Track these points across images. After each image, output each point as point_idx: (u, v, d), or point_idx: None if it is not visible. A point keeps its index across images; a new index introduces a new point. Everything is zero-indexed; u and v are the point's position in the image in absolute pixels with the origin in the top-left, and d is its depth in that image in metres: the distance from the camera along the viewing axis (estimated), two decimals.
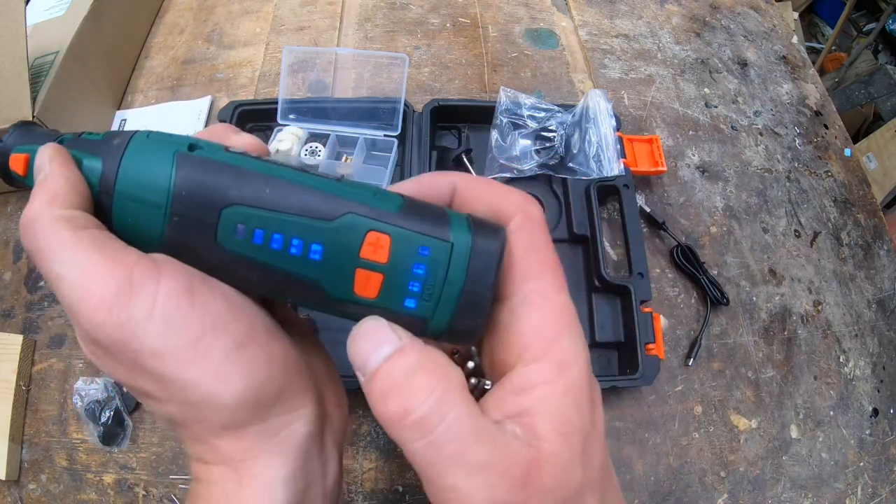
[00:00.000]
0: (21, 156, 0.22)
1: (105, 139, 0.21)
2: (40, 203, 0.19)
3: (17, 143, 0.22)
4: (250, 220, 0.19)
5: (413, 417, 0.17)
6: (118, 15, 0.70)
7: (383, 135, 0.61)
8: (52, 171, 0.20)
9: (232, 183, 0.19)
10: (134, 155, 0.20)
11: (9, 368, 0.55)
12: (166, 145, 0.20)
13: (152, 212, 0.19)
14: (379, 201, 0.19)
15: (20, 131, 0.23)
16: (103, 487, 0.51)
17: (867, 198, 0.70)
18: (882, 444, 0.57)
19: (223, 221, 0.19)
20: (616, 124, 0.62)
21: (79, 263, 0.18)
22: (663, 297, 0.60)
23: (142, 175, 0.19)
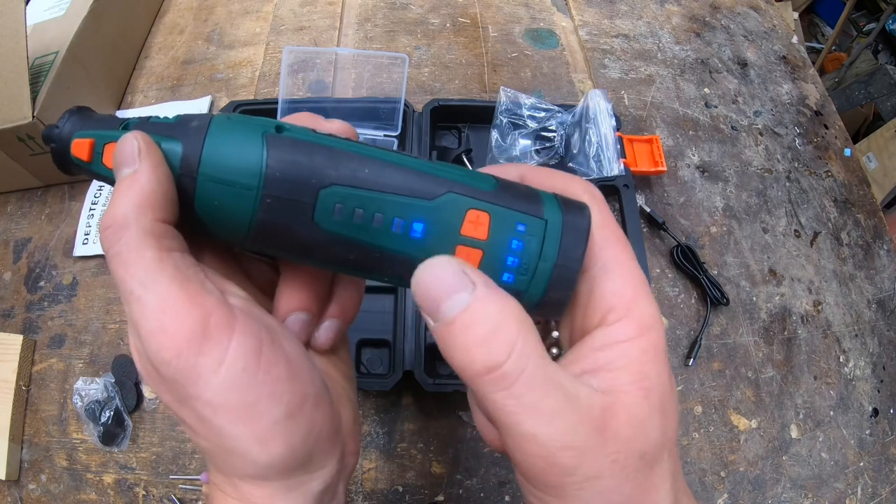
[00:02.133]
0: (85, 141, 0.20)
1: (180, 121, 0.20)
2: (130, 207, 0.18)
3: (76, 129, 0.21)
4: (350, 199, 0.19)
5: (497, 373, 0.18)
6: (118, 15, 0.70)
7: (383, 135, 0.61)
8: (144, 170, 0.18)
9: (328, 163, 0.19)
10: (218, 135, 0.19)
11: (9, 368, 0.55)
12: (253, 127, 0.19)
13: (243, 194, 0.19)
14: (475, 181, 0.20)
15: (77, 116, 0.21)
16: (103, 487, 0.51)
17: (867, 198, 0.70)
18: (882, 444, 0.57)
19: (321, 201, 0.19)
20: (616, 124, 0.62)
21: (159, 292, 0.18)
22: (663, 297, 0.60)
23: (230, 156, 0.19)
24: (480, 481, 0.51)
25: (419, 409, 0.53)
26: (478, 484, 0.51)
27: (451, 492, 0.51)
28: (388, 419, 0.53)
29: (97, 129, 0.21)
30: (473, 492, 0.51)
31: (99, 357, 0.56)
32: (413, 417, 0.53)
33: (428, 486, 0.51)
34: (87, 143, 0.20)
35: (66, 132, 0.21)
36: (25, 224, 0.64)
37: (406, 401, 0.54)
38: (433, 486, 0.51)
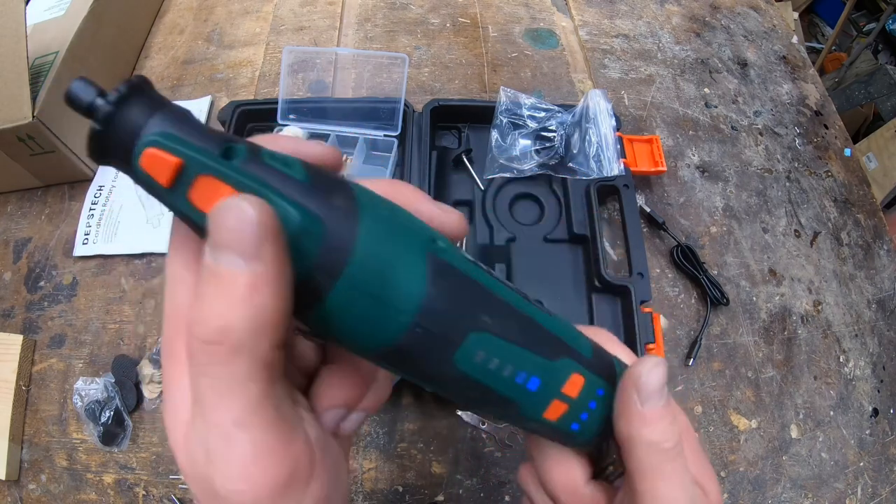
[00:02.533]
0: (169, 159, 0.15)
1: (314, 185, 0.16)
2: (247, 328, 0.14)
3: (146, 124, 0.15)
4: (493, 348, 0.18)
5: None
6: (118, 15, 0.70)
7: (383, 135, 0.61)
8: (270, 278, 0.14)
9: (482, 306, 0.18)
10: (374, 235, 0.16)
11: (9, 368, 0.55)
12: (412, 236, 0.17)
13: (390, 314, 0.16)
14: (580, 346, 0.21)
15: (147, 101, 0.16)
16: (103, 487, 0.51)
17: (867, 198, 0.70)
18: (882, 444, 0.57)
19: (467, 344, 0.18)
20: (616, 124, 0.62)
21: (254, 437, 0.15)
22: (663, 297, 0.60)
23: (386, 268, 0.16)
24: (480, 481, 0.51)
25: (419, 409, 0.53)
26: (478, 484, 0.51)
27: (451, 492, 0.51)
28: (388, 419, 0.53)
29: (187, 142, 0.15)
30: (473, 492, 0.51)
31: (99, 357, 0.56)
32: (413, 417, 0.53)
33: (428, 486, 0.51)
34: (171, 163, 0.15)
35: (129, 122, 0.15)
36: (25, 224, 0.64)
37: (406, 401, 0.54)
38: (433, 486, 0.51)
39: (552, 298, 0.56)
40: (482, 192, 0.61)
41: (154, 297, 0.58)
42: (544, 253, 0.59)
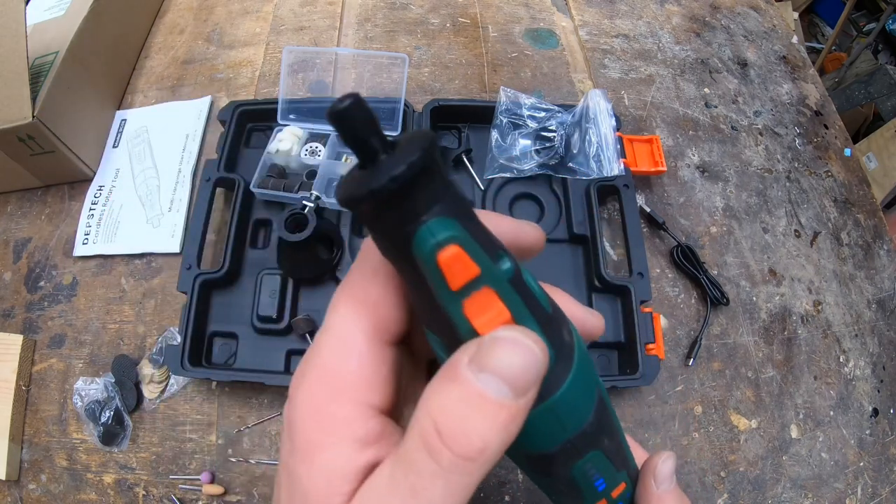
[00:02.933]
0: (471, 266, 0.15)
1: (553, 317, 0.17)
2: (495, 451, 0.15)
3: (445, 214, 0.15)
4: (598, 463, 0.20)
5: None
6: (118, 15, 0.70)
7: None
8: (523, 412, 0.16)
9: (607, 432, 0.21)
10: (578, 376, 0.18)
11: (9, 368, 0.55)
12: (594, 374, 0.20)
13: (559, 432, 0.18)
14: (633, 461, 0.24)
15: (453, 202, 0.15)
16: (103, 487, 0.51)
17: (867, 198, 0.70)
18: (882, 444, 0.57)
19: (586, 458, 0.20)
20: (616, 124, 0.62)
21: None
22: (663, 297, 0.60)
23: (574, 403, 0.18)
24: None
25: None
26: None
27: None
28: None
29: (480, 249, 0.15)
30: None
31: (99, 357, 0.56)
32: None
33: None
34: (472, 271, 0.15)
35: (417, 199, 0.14)
36: (25, 224, 0.64)
37: None
38: None
39: None
40: (482, 192, 0.61)
41: (154, 296, 0.58)
42: (544, 253, 0.58)
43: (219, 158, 0.59)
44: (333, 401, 0.17)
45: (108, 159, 0.66)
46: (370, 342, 0.18)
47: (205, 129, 0.68)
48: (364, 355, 0.18)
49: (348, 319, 0.18)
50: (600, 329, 0.23)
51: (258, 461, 0.51)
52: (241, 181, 0.57)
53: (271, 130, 0.61)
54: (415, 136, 0.15)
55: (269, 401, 0.54)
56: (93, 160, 0.65)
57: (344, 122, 0.14)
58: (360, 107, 0.14)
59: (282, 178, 0.59)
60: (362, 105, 0.14)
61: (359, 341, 0.18)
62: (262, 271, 0.55)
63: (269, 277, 0.55)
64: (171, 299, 0.58)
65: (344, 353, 0.18)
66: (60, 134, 0.58)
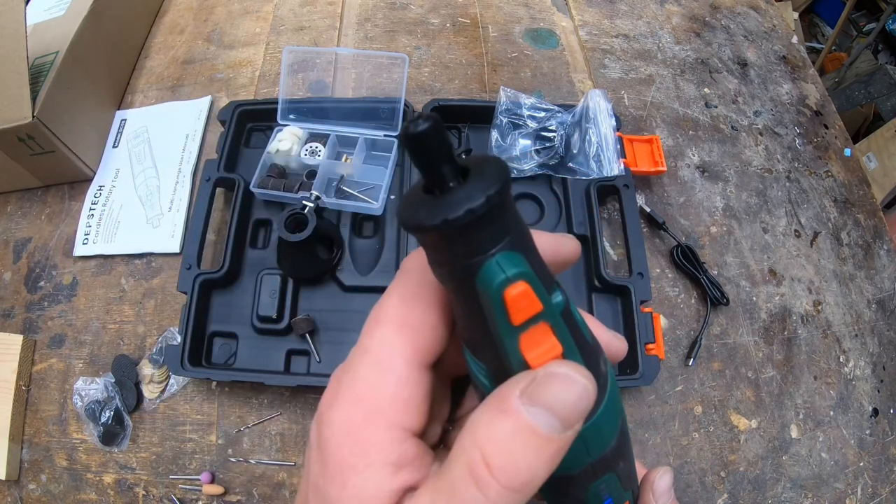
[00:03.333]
0: (536, 303, 0.15)
1: (594, 346, 0.18)
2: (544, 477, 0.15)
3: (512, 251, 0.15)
4: (610, 485, 0.21)
5: None
6: (118, 15, 0.70)
7: (383, 135, 0.61)
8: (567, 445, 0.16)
9: (623, 457, 0.21)
10: (609, 405, 0.18)
11: (9, 368, 0.55)
12: (620, 405, 0.20)
13: (584, 457, 0.19)
14: (637, 478, 0.24)
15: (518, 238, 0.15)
16: (103, 487, 0.51)
17: (867, 198, 0.70)
18: (882, 444, 0.57)
19: (601, 481, 0.20)
20: (616, 124, 0.62)
21: None
22: (663, 297, 0.60)
23: (602, 430, 0.19)
24: None
25: None
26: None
27: None
28: None
29: (542, 286, 0.15)
30: None
31: (99, 357, 0.56)
32: None
33: None
34: (536, 307, 0.15)
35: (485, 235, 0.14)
36: (25, 224, 0.64)
37: None
38: None
39: None
40: None
41: (154, 296, 0.58)
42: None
43: (219, 158, 0.59)
44: (369, 424, 0.17)
45: (108, 159, 0.66)
46: (409, 366, 0.18)
47: (205, 129, 0.68)
48: (402, 380, 0.17)
49: (387, 342, 0.18)
50: (623, 352, 0.23)
51: (258, 461, 0.51)
52: (241, 181, 0.57)
53: (271, 130, 0.61)
54: (487, 163, 0.15)
55: (269, 401, 0.54)
56: (93, 160, 0.65)
57: (419, 145, 0.14)
58: (437, 130, 0.14)
59: (282, 178, 0.59)
60: (440, 129, 0.14)
61: (398, 365, 0.18)
62: (262, 271, 0.55)
63: (269, 277, 0.55)
64: (171, 299, 0.58)
65: (382, 376, 0.18)
66: (60, 134, 0.58)
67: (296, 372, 0.54)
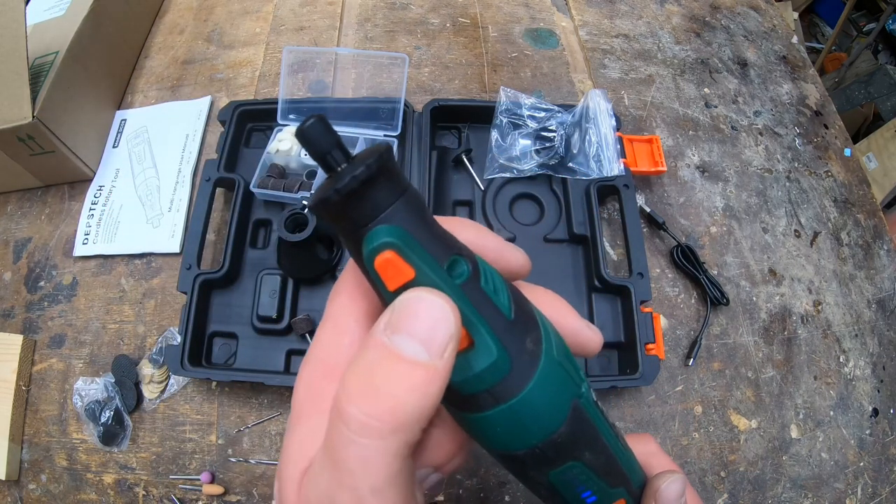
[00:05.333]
0: (404, 268, 0.16)
1: (515, 322, 0.18)
2: (412, 413, 0.15)
3: (393, 223, 0.16)
4: (579, 474, 0.21)
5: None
6: (118, 15, 0.70)
7: (383, 135, 0.61)
8: (443, 374, 0.16)
9: (589, 446, 0.21)
10: (544, 382, 0.18)
11: (9, 368, 0.55)
12: (569, 384, 0.20)
13: (523, 436, 0.19)
14: (635, 477, 0.24)
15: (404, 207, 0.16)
16: (103, 487, 0.51)
17: (867, 198, 0.70)
18: (882, 444, 0.57)
19: (564, 467, 0.20)
20: (616, 124, 0.62)
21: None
22: (663, 297, 0.60)
23: (540, 409, 0.19)
24: (480, 481, 0.51)
25: None
26: (478, 484, 0.51)
27: (451, 492, 0.51)
28: None
29: (423, 251, 0.16)
30: (473, 492, 0.51)
31: (99, 357, 0.56)
32: None
33: None
34: (406, 274, 0.16)
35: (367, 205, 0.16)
36: (25, 224, 0.64)
37: None
38: None
39: None
40: (482, 192, 0.61)
41: (154, 296, 0.58)
42: (544, 253, 0.59)
43: (219, 158, 0.59)
44: (325, 377, 0.18)
45: (108, 159, 0.66)
46: (361, 327, 0.19)
47: (205, 129, 0.68)
48: (356, 340, 0.19)
49: (343, 307, 0.19)
50: (595, 342, 0.23)
51: (258, 461, 0.51)
52: (241, 181, 0.57)
53: (271, 130, 0.61)
54: (373, 147, 0.17)
55: (269, 401, 0.54)
56: (93, 160, 0.65)
57: (308, 138, 0.16)
58: (321, 124, 0.16)
59: (282, 178, 0.59)
60: (324, 123, 0.16)
61: (351, 327, 0.19)
62: (262, 271, 0.55)
63: (269, 277, 0.55)
64: (171, 299, 0.58)
65: (338, 337, 0.19)
66: (60, 134, 0.58)
67: (296, 372, 0.54)
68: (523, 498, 0.51)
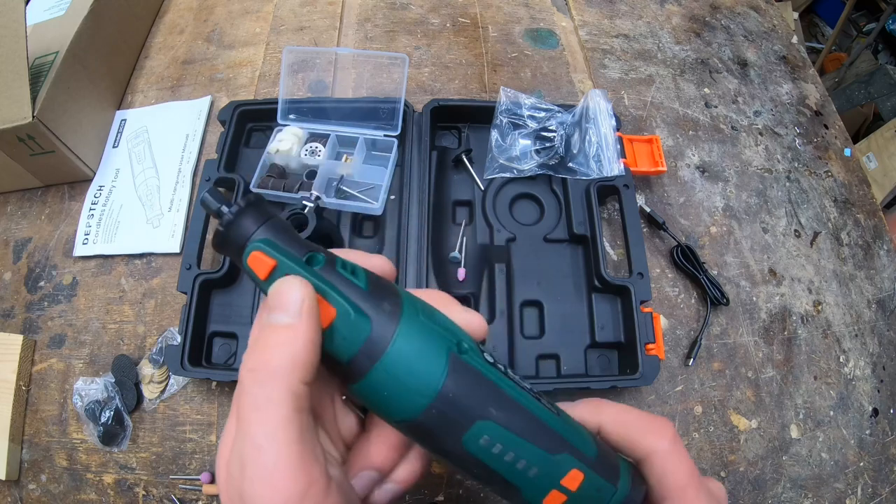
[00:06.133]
0: (267, 260, 0.21)
1: (371, 292, 0.21)
2: (284, 362, 0.20)
3: (261, 236, 0.22)
4: (496, 436, 0.22)
5: None
6: (118, 15, 0.70)
7: (383, 135, 0.61)
8: (303, 332, 0.20)
9: (491, 401, 0.22)
10: (408, 335, 0.21)
11: (9, 368, 0.55)
12: (441, 339, 0.21)
13: (413, 397, 0.21)
14: (583, 445, 0.24)
15: (255, 214, 0.22)
16: (103, 487, 0.51)
17: (867, 198, 0.70)
18: (882, 444, 0.57)
19: (474, 429, 0.21)
20: (616, 124, 0.62)
21: (279, 450, 0.19)
22: (663, 297, 0.60)
23: (414, 363, 0.21)
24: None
25: None
26: (478, 484, 0.51)
27: (451, 492, 0.51)
28: None
29: (283, 249, 0.22)
30: (473, 492, 0.51)
31: (99, 357, 0.56)
32: None
33: (428, 486, 0.51)
34: (267, 263, 0.21)
35: (246, 233, 0.22)
36: (25, 224, 0.64)
37: None
38: (433, 486, 0.51)
39: (552, 298, 0.56)
40: (482, 192, 0.61)
41: (154, 296, 0.58)
42: (544, 253, 0.59)
43: (219, 158, 0.59)
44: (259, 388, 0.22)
45: (108, 159, 0.66)
46: None
47: (205, 129, 0.68)
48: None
49: None
50: (476, 323, 0.25)
51: None
52: (241, 181, 0.57)
53: (271, 130, 0.61)
54: (247, 198, 0.23)
55: None
56: (93, 160, 0.65)
57: (206, 203, 0.22)
58: (213, 192, 0.23)
59: (282, 178, 0.59)
60: (215, 190, 0.23)
61: None
62: None
63: None
64: (171, 299, 0.58)
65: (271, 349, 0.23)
66: (60, 134, 0.58)
67: None
68: None
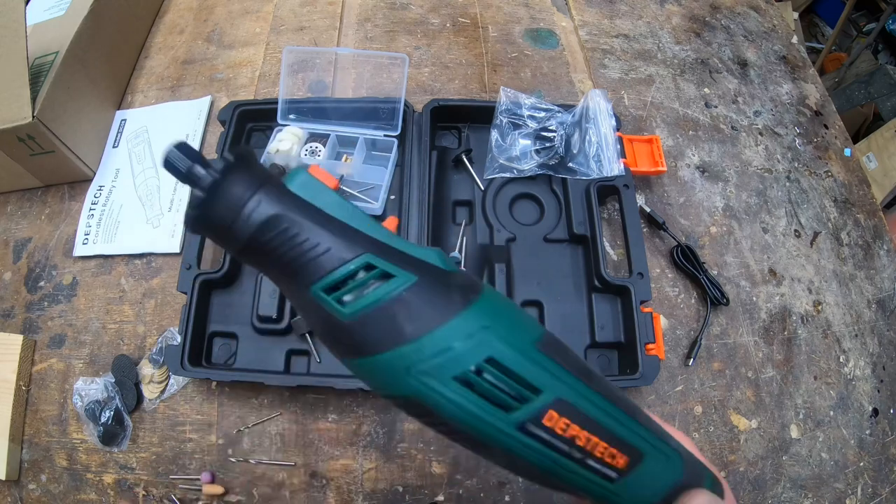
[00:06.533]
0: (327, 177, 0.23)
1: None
2: None
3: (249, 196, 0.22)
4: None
5: None
6: (118, 15, 0.70)
7: (383, 135, 0.61)
8: None
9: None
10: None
11: (9, 368, 0.55)
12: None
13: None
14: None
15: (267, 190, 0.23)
16: (103, 487, 0.51)
17: (867, 198, 0.70)
18: (882, 444, 0.57)
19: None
20: (616, 124, 0.62)
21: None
22: (663, 297, 0.60)
23: None
24: (480, 481, 0.51)
25: None
26: (478, 484, 0.51)
27: (451, 492, 0.51)
28: (388, 419, 0.53)
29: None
30: (473, 492, 0.51)
31: (99, 357, 0.56)
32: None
33: (428, 486, 0.51)
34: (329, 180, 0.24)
35: (234, 194, 0.21)
36: (25, 224, 0.64)
37: None
38: (433, 486, 0.51)
39: (552, 298, 0.56)
40: (482, 192, 0.61)
41: (154, 296, 0.58)
42: (544, 253, 0.59)
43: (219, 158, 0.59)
44: None
45: (108, 159, 0.66)
46: None
47: (205, 129, 0.68)
48: None
49: None
50: None
51: (258, 461, 0.51)
52: None
53: (271, 130, 0.61)
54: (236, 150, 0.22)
55: (269, 401, 0.54)
56: (93, 160, 0.65)
57: (170, 163, 0.20)
58: (181, 147, 0.20)
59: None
60: (183, 145, 0.20)
61: None
62: None
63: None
64: (171, 299, 0.58)
65: None
66: (60, 134, 0.58)
67: (296, 372, 0.54)
68: (523, 497, 0.51)
